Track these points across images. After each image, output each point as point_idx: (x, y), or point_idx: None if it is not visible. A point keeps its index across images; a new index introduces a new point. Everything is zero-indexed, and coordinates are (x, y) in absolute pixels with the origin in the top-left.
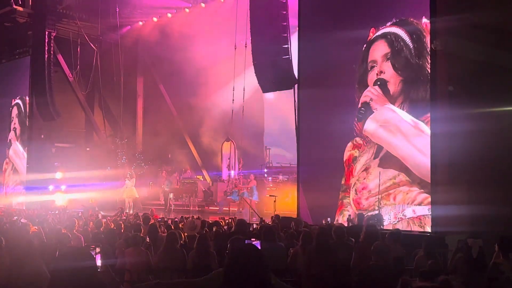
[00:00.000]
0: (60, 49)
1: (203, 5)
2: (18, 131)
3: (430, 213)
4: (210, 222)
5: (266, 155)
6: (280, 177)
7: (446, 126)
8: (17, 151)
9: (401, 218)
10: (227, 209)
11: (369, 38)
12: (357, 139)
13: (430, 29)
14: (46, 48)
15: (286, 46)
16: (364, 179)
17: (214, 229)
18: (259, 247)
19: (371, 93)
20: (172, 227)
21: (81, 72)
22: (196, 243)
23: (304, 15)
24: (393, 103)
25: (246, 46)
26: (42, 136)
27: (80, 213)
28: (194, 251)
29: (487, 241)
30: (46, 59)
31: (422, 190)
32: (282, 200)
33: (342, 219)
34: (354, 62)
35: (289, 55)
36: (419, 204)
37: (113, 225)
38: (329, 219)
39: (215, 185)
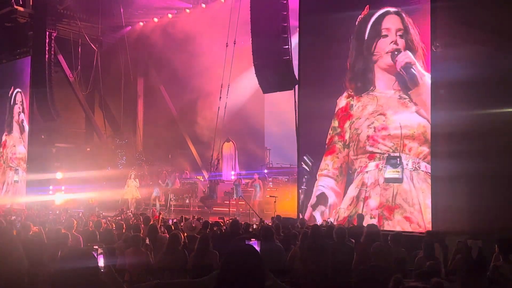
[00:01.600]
0: (61, 49)
1: (203, 5)
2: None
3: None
4: (211, 222)
5: (267, 156)
6: (280, 177)
7: (446, 127)
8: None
9: (416, 168)
10: (228, 209)
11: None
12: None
13: (431, 31)
14: (47, 48)
15: (287, 46)
16: (383, 121)
17: (214, 229)
18: (258, 247)
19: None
20: (172, 228)
21: (82, 73)
22: (198, 243)
23: (305, 15)
24: None
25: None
26: (43, 136)
27: (81, 213)
28: (195, 252)
29: (487, 243)
30: (46, 59)
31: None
32: (283, 200)
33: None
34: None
35: (289, 56)
36: (428, 163)
37: (113, 226)
38: (329, 219)
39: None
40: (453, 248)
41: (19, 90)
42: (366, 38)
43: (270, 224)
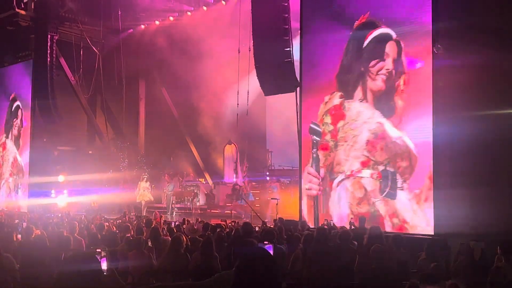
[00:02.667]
0: (63, 52)
1: (205, 8)
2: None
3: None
4: (213, 225)
5: (269, 158)
6: (282, 179)
7: (448, 129)
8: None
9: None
10: (230, 212)
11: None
12: None
13: (432, 33)
14: (49, 51)
15: (288, 49)
16: (383, 129)
17: (217, 232)
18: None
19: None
20: (175, 230)
21: (84, 76)
22: (201, 246)
23: (306, 18)
24: None
25: (250, 50)
26: (45, 140)
27: (83, 216)
28: (197, 254)
29: (490, 244)
30: (48, 63)
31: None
32: (285, 203)
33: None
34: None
35: (291, 58)
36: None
37: (115, 228)
38: (331, 221)
39: (217, 188)
40: (455, 250)
41: (19, 103)
42: (364, 48)
43: (272, 226)
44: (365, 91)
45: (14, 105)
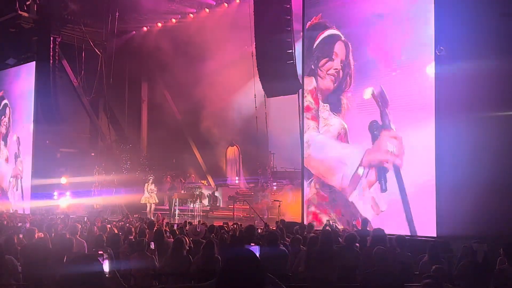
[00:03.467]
0: (65, 54)
1: (207, 10)
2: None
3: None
4: (213, 226)
5: (271, 160)
6: (285, 182)
7: (450, 130)
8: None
9: None
10: (232, 214)
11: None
12: None
13: (435, 35)
14: (51, 53)
15: (290, 51)
16: None
17: (220, 234)
18: (258, 252)
19: None
20: (177, 232)
21: (86, 78)
22: (203, 248)
23: (308, 20)
24: None
25: (253, 56)
26: (47, 142)
27: (86, 218)
28: (199, 256)
29: (493, 247)
30: (51, 65)
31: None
32: (287, 205)
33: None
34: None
35: (293, 60)
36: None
37: (116, 230)
38: (333, 223)
39: (220, 189)
40: (459, 253)
41: (7, 102)
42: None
43: (274, 228)
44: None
45: (2, 103)
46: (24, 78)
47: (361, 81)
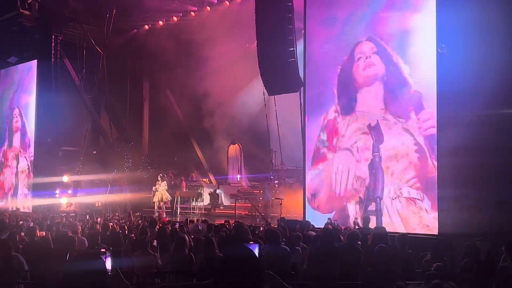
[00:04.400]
0: (67, 52)
1: (209, 8)
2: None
3: (418, 197)
4: (216, 225)
5: (272, 158)
6: (287, 179)
7: (452, 128)
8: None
9: (398, 195)
10: (234, 212)
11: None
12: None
13: (436, 32)
14: (53, 52)
15: (292, 49)
16: (366, 140)
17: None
18: (257, 250)
19: None
20: (178, 230)
21: (87, 76)
22: (203, 246)
23: (310, 18)
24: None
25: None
26: (49, 140)
27: (87, 216)
28: (201, 255)
29: (496, 245)
30: (52, 63)
31: (415, 173)
32: (289, 202)
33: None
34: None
35: (295, 58)
36: (410, 186)
37: (118, 228)
38: (335, 221)
39: (221, 188)
40: (461, 251)
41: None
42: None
43: (276, 226)
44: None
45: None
46: (26, 76)
47: None
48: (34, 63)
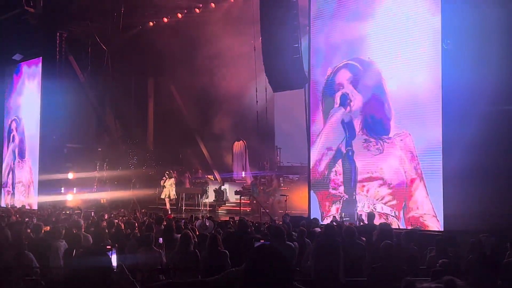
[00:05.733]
0: (71, 50)
1: (213, 5)
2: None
3: (392, 213)
4: (220, 221)
5: (277, 154)
6: (291, 176)
7: (456, 126)
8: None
9: (372, 210)
10: (239, 208)
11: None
12: None
13: (442, 29)
14: (58, 49)
15: (297, 45)
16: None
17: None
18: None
19: None
20: (182, 227)
21: (92, 73)
22: (208, 243)
23: (315, 14)
24: None
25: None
26: (54, 137)
27: (93, 213)
28: (206, 252)
29: (501, 240)
30: (57, 60)
31: (390, 191)
32: (294, 199)
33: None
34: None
35: (299, 55)
36: (385, 204)
37: (123, 225)
38: (340, 218)
39: (226, 184)
40: (465, 247)
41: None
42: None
43: (280, 223)
44: None
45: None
46: (31, 73)
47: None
48: (39, 60)
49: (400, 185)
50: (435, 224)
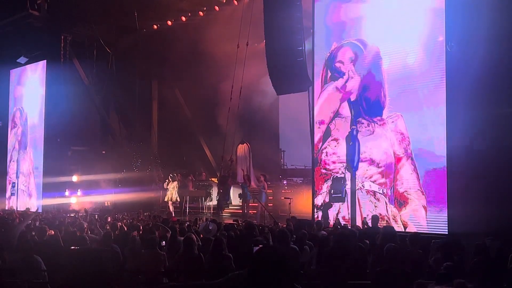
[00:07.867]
0: (76, 52)
1: (217, 8)
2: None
3: (380, 191)
4: (224, 224)
5: (281, 157)
6: (295, 179)
7: (462, 126)
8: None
9: (360, 187)
10: (241, 211)
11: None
12: None
13: (446, 30)
14: (62, 52)
15: (301, 48)
16: (335, 146)
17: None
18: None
19: None
20: (186, 230)
21: (97, 76)
22: (212, 246)
23: (319, 17)
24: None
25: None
26: (58, 140)
27: (97, 216)
28: (210, 254)
29: (506, 244)
30: (62, 63)
31: (379, 170)
32: (298, 202)
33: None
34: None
35: (303, 57)
36: (374, 182)
37: (126, 228)
38: (341, 221)
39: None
40: (471, 250)
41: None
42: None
43: (284, 226)
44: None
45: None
46: (35, 76)
47: None
48: (43, 63)
49: (389, 165)
50: (420, 196)
